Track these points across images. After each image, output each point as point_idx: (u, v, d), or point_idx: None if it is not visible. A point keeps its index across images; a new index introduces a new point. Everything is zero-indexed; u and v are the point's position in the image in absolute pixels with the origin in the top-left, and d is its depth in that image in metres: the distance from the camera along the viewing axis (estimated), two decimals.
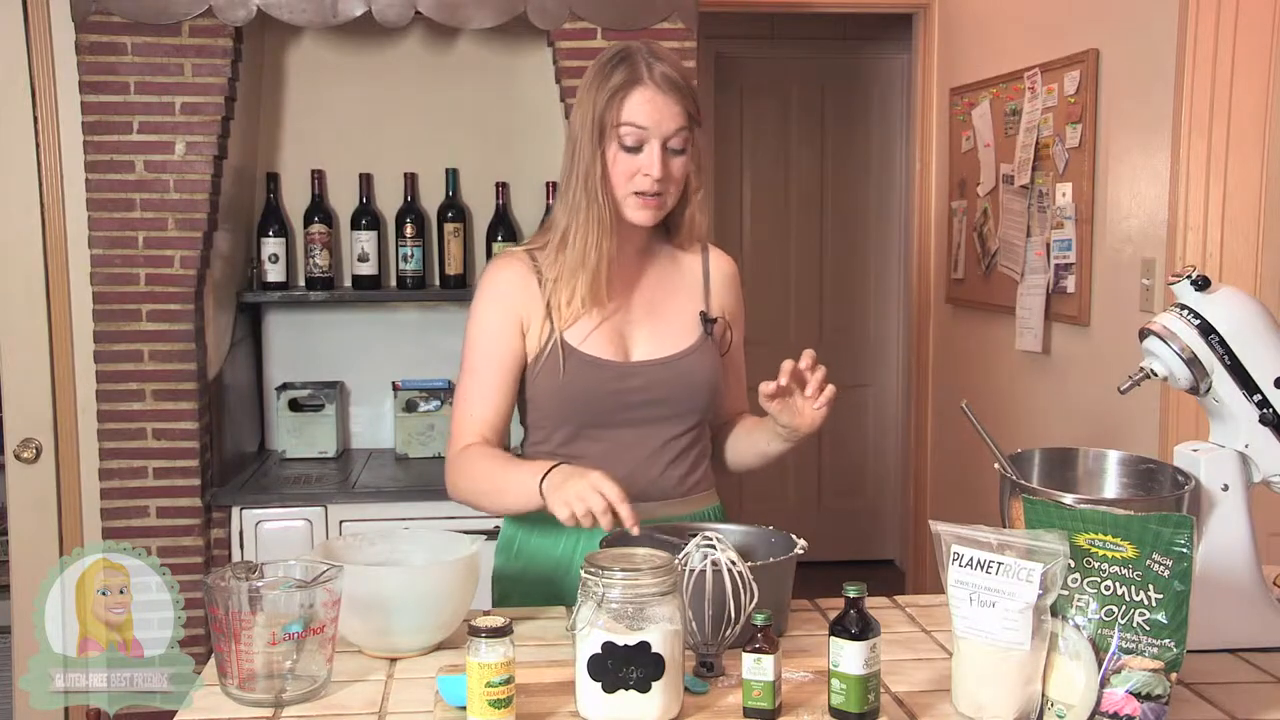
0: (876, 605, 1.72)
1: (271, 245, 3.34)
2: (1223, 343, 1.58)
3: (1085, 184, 3.17)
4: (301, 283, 3.42)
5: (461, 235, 3.39)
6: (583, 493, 1.56)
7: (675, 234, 1.88)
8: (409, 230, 3.36)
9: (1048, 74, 3.37)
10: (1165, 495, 1.60)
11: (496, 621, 1.32)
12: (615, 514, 1.56)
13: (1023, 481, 1.61)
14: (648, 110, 1.73)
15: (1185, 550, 1.28)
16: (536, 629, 1.66)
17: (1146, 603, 1.29)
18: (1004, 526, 1.64)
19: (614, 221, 1.77)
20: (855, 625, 1.32)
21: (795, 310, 5.31)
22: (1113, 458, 1.71)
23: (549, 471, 1.64)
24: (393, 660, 1.55)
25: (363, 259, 3.38)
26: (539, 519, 1.79)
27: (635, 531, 1.56)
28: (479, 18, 3.00)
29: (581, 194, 1.76)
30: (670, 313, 1.86)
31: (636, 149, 1.74)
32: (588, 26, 3.01)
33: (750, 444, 1.92)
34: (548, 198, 3.35)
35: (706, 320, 1.87)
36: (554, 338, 1.79)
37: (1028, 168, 3.47)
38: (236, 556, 3.04)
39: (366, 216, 3.40)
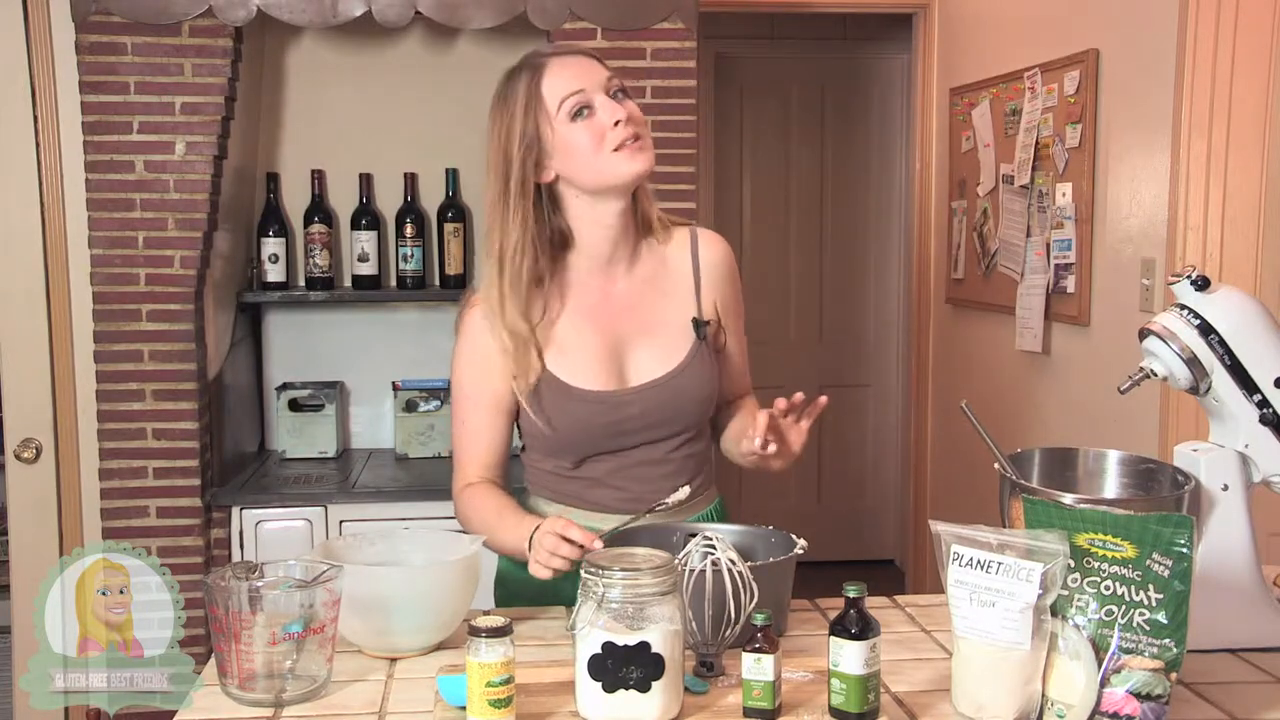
0: (876, 605, 1.72)
1: (271, 245, 3.34)
2: (1222, 343, 1.58)
3: (1085, 184, 3.17)
4: (301, 283, 3.42)
5: (461, 235, 3.39)
6: (549, 548, 1.56)
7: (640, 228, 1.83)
8: (409, 230, 3.36)
9: (1048, 74, 3.37)
10: (1165, 495, 1.60)
11: (496, 621, 1.32)
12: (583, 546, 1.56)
13: (1023, 481, 1.61)
14: (571, 73, 1.68)
15: (1185, 550, 1.28)
16: (536, 629, 1.66)
17: (1146, 603, 1.29)
18: (1004, 526, 1.64)
19: (592, 218, 1.74)
20: (855, 625, 1.32)
21: (795, 310, 5.31)
22: (1113, 458, 1.71)
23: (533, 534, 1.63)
24: (393, 660, 1.55)
25: (363, 259, 3.38)
26: None
27: (598, 546, 1.53)
28: (479, 18, 3.00)
29: (502, 210, 1.72)
30: (662, 324, 1.81)
31: (587, 111, 1.68)
32: (588, 26, 3.01)
33: (731, 445, 1.90)
34: None
35: (698, 325, 1.82)
36: (543, 371, 1.75)
37: (1028, 168, 3.47)
38: (236, 556, 3.04)
39: (366, 216, 3.40)
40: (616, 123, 1.67)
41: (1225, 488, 1.59)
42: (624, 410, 1.76)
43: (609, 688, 1.32)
